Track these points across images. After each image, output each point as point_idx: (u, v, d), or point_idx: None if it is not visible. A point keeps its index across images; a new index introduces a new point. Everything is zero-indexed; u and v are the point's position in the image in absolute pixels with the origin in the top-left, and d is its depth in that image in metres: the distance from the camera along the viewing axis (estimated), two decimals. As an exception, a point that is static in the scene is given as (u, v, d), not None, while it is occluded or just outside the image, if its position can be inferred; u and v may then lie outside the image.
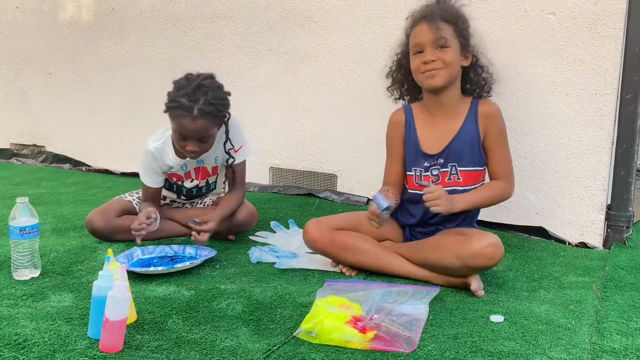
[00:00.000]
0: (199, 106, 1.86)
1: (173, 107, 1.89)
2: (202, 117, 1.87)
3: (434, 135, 1.85)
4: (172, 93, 1.91)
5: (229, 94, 1.99)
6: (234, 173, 2.12)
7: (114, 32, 3.27)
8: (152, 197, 2.11)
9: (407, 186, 1.91)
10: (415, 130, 1.87)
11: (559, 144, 2.25)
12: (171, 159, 2.06)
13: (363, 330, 1.36)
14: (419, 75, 1.82)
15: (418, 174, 1.86)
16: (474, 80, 1.89)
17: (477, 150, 1.83)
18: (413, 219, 1.88)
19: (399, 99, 1.98)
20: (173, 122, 1.92)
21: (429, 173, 1.84)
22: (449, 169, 1.82)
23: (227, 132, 2.04)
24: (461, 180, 1.82)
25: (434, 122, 1.86)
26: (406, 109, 1.93)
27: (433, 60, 1.77)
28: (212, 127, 1.92)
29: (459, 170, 1.82)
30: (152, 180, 2.08)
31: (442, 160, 1.83)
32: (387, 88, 1.98)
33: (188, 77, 1.94)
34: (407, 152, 1.89)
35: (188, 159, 2.07)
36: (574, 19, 2.17)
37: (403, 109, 1.93)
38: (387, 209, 1.66)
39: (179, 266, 1.76)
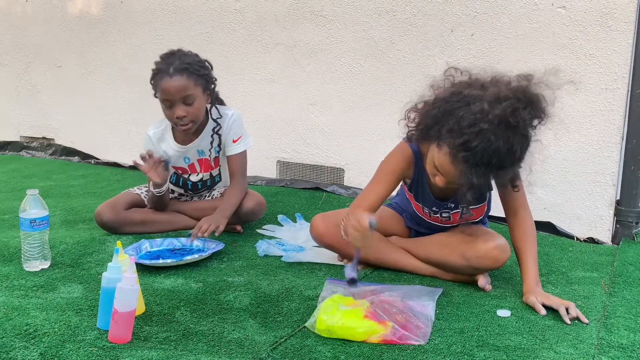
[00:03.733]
0: (174, 65, 1.94)
1: (153, 76, 1.98)
2: (178, 73, 1.93)
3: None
4: (152, 70, 2.01)
5: (209, 63, 2.05)
6: (232, 163, 2.13)
7: (123, 26, 3.27)
8: None
9: (417, 211, 1.81)
10: (424, 173, 1.65)
11: (568, 139, 2.24)
12: (171, 145, 2.09)
13: (382, 322, 1.36)
14: (430, 176, 1.57)
15: (427, 211, 1.77)
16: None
17: (486, 187, 1.64)
18: (420, 228, 1.86)
19: (419, 143, 1.62)
20: (157, 92, 1.99)
21: (438, 215, 1.75)
22: (460, 210, 1.73)
23: (212, 101, 2.08)
24: (473, 215, 1.75)
25: None
26: (413, 147, 1.66)
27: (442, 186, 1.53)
28: (192, 85, 1.95)
29: (470, 208, 1.73)
30: None
31: (452, 205, 1.72)
32: (407, 135, 1.62)
33: (164, 52, 2.04)
34: (414, 188, 1.73)
35: (187, 147, 2.10)
36: (584, 12, 2.16)
37: (410, 146, 1.66)
38: (352, 281, 1.51)
39: (188, 259, 1.77)
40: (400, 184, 1.81)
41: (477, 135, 1.35)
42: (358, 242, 1.51)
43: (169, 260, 1.76)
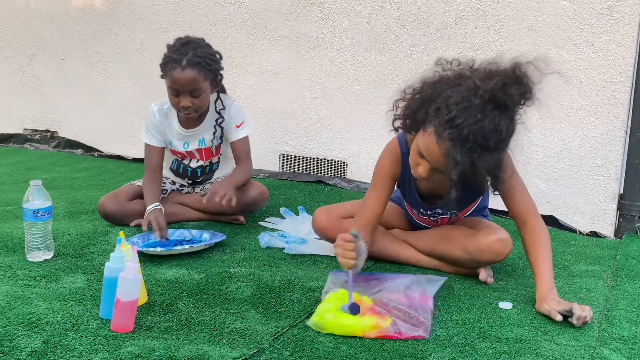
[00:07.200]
0: (188, 57, 1.95)
1: (164, 63, 1.99)
2: (190, 66, 1.94)
3: (431, 183, 1.64)
4: (164, 55, 2.03)
5: (219, 54, 2.06)
6: (237, 147, 2.15)
7: (126, 18, 3.27)
8: (154, 164, 2.11)
9: (410, 214, 1.84)
10: (410, 173, 1.61)
11: (572, 132, 2.23)
12: (174, 126, 2.12)
13: (382, 317, 1.35)
14: (412, 169, 1.56)
15: (415, 211, 1.80)
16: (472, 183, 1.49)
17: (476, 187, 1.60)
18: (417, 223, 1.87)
19: (406, 132, 1.59)
20: (166, 79, 2.01)
21: (426, 217, 1.78)
22: (448, 216, 1.76)
23: (218, 90, 2.10)
24: (458, 216, 1.78)
25: None
26: (401, 142, 1.66)
27: (426, 177, 1.50)
28: (202, 79, 1.97)
29: (458, 213, 1.76)
30: (153, 138, 2.12)
31: (440, 211, 1.74)
32: (394, 126, 1.60)
33: (177, 38, 2.05)
34: (402, 187, 1.75)
35: (189, 132, 2.12)
36: (588, 5, 2.14)
37: (398, 142, 1.67)
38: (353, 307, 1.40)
39: (178, 249, 1.78)
40: None
41: (464, 111, 1.35)
42: (350, 263, 1.44)
43: (158, 249, 1.77)
